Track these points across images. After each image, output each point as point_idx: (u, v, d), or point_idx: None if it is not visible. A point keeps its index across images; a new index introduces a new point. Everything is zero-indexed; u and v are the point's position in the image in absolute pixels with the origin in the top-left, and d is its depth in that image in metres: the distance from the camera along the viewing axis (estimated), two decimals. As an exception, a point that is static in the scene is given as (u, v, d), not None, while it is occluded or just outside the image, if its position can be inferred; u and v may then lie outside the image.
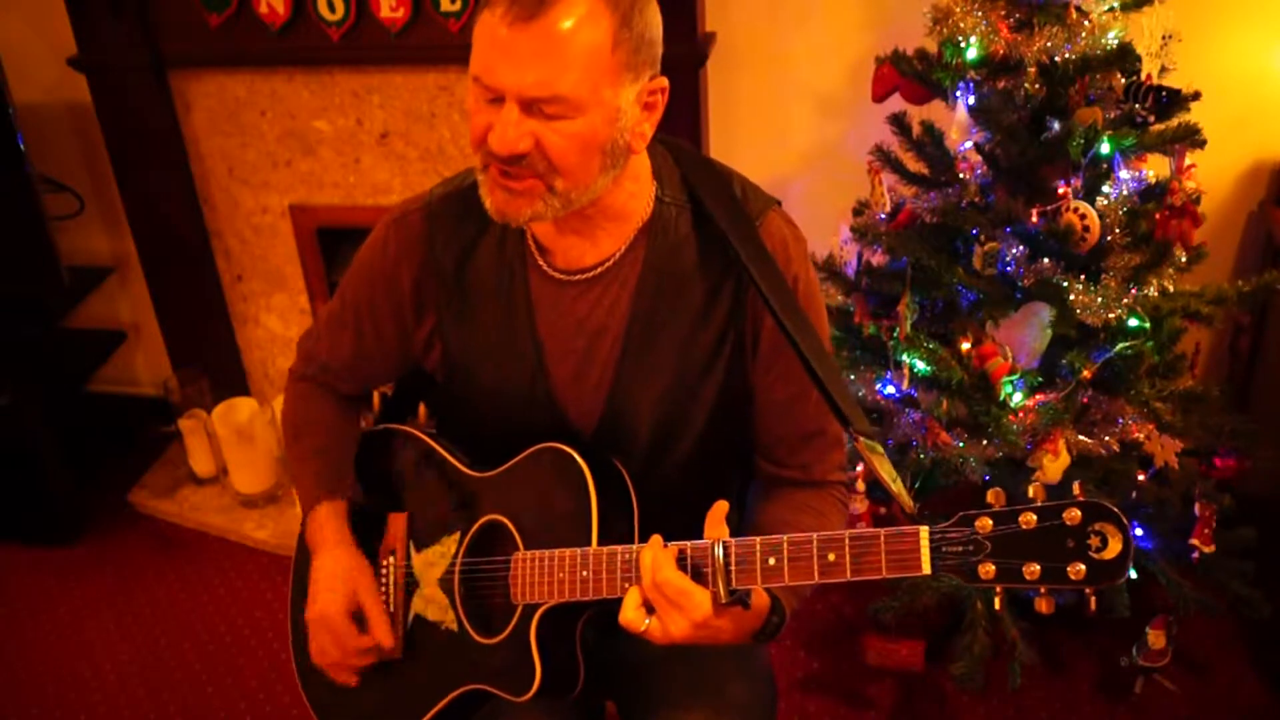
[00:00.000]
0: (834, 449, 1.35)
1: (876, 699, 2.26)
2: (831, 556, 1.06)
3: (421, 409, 1.55)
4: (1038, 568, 0.97)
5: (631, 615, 1.13)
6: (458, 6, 2.33)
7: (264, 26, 2.44)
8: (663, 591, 1.10)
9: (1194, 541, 2.07)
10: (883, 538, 1.04)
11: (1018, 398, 1.97)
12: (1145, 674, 2.20)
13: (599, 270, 1.26)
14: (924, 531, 1.02)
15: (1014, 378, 1.94)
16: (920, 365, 2.01)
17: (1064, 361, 1.96)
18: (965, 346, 2.00)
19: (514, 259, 1.28)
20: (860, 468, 2.19)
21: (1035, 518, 0.97)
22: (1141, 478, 2.11)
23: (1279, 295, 2.12)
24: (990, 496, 1.01)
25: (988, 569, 0.99)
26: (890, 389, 2.10)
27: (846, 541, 1.06)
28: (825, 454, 1.34)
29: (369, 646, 1.34)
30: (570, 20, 1.05)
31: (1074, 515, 0.96)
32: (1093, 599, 1.00)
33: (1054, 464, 1.94)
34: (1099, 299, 1.88)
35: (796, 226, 1.29)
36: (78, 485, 2.85)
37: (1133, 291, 1.91)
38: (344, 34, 2.42)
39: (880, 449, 1.21)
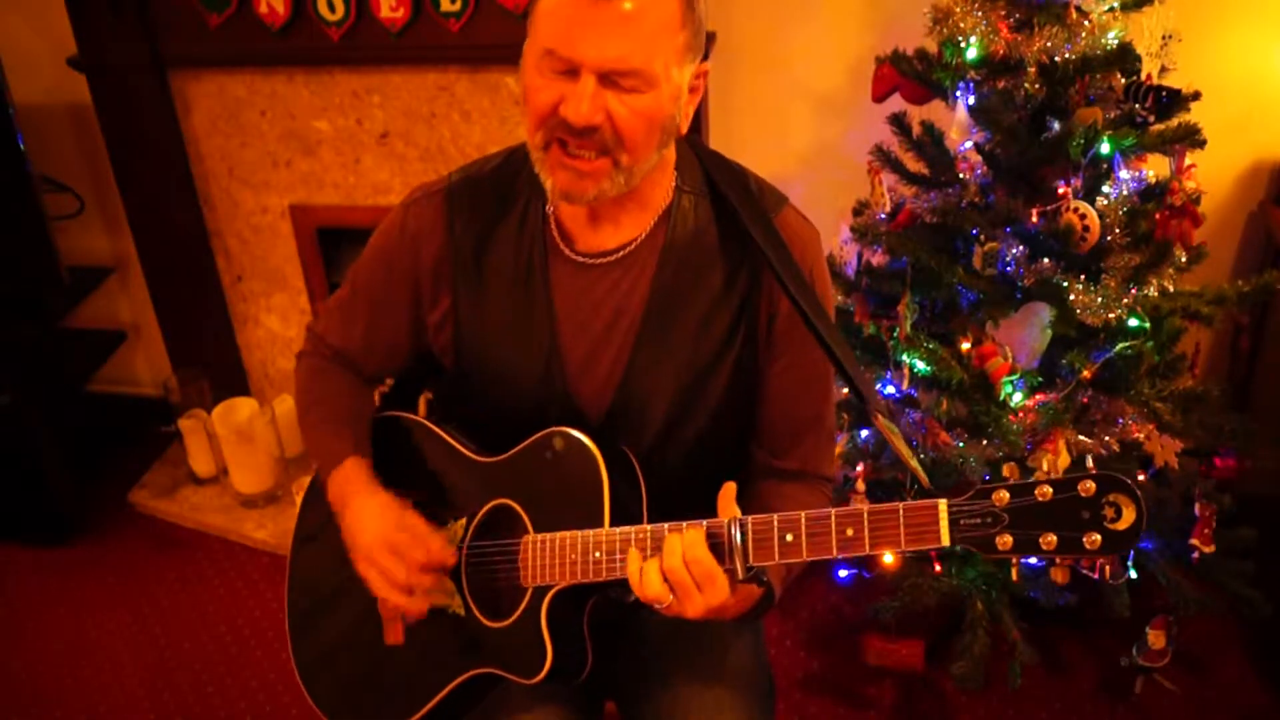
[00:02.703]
0: (829, 442, 1.38)
1: (876, 699, 2.26)
2: (850, 531, 1.07)
3: (422, 404, 1.55)
4: (1054, 538, 0.99)
5: (658, 589, 1.13)
6: (458, 6, 2.33)
7: (264, 26, 2.44)
8: (691, 570, 1.12)
9: (1194, 541, 2.07)
10: (901, 511, 1.05)
11: (1018, 398, 1.97)
12: (1145, 674, 2.19)
13: (621, 254, 1.28)
14: (942, 504, 1.03)
15: (1014, 378, 1.94)
16: (920, 365, 2.01)
17: (1064, 361, 1.96)
18: (965, 346, 2.00)
19: (534, 242, 1.30)
20: (860, 467, 2.19)
21: (1051, 490, 0.99)
22: (1141, 478, 2.11)
23: (1279, 295, 2.12)
24: (1005, 470, 1.03)
25: (1005, 540, 1.01)
26: (890, 389, 2.10)
27: (865, 515, 1.07)
28: (820, 447, 1.37)
29: (429, 563, 1.28)
30: None
31: (1088, 487, 0.98)
32: (1106, 568, 1.01)
33: (1054, 464, 1.94)
34: (1099, 299, 1.88)
35: (810, 222, 1.32)
36: (78, 485, 2.85)
37: (1133, 291, 1.91)
38: (344, 34, 2.42)
39: (896, 429, 1.23)
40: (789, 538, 1.10)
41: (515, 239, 1.30)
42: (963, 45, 1.95)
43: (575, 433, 1.25)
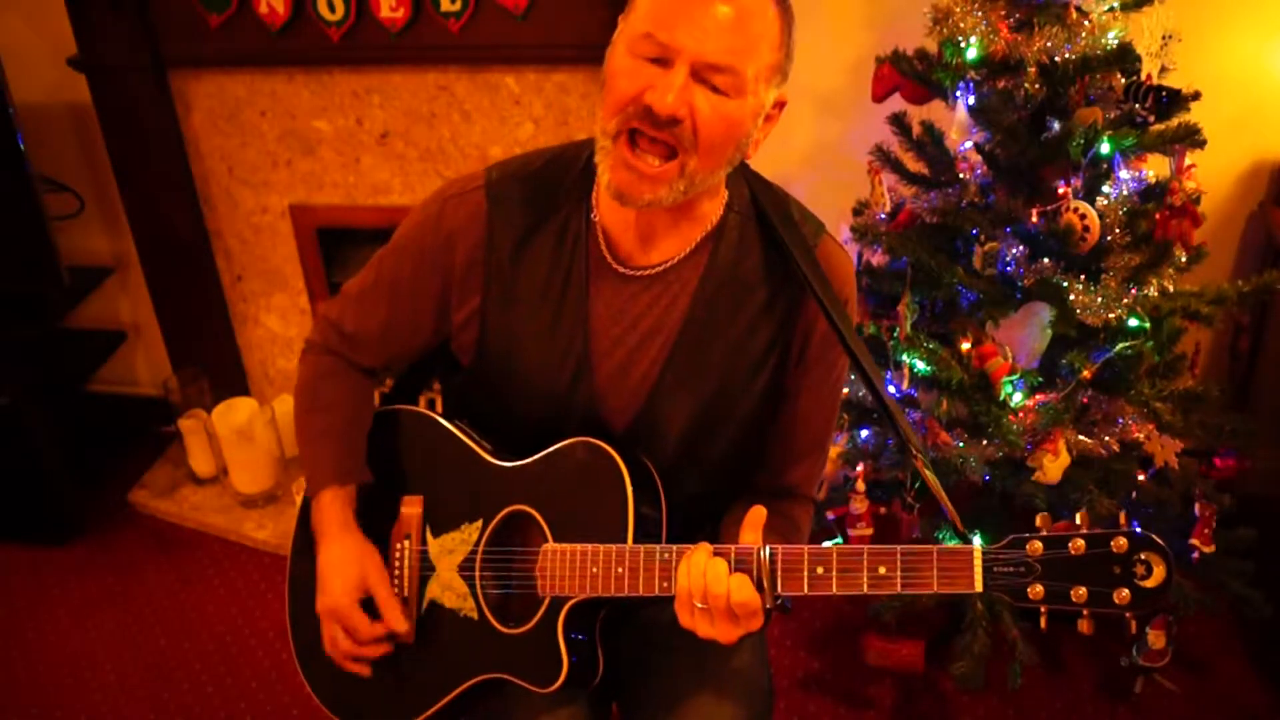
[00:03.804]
0: (822, 467, 1.40)
1: (876, 699, 2.26)
2: (882, 569, 1.08)
3: (422, 403, 1.54)
4: (1085, 591, 1.00)
5: (690, 621, 1.15)
6: (458, 6, 2.33)
7: (264, 26, 2.44)
8: (734, 610, 1.12)
9: (1194, 541, 2.07)
10: (935, 554, 1.06)
11: (1018, 398, 1.97)
12: (1145, 674, 2.19)
13: (663, 268, 1.27)
14: (977, 551, 1.04)
15: (1014, 378, 1.94)
16: (920, 365, 2.01)
17: (1064, 361, 1.96)
18: (965, 346, 2.00)
19: (575, 250, 1.28)
20: (860, 467, 2.19)
21: (1084, 544, 1.00)
22: (1141, 478, 2.11)
23: (1279, 295, 2.12)
24: (1039, 521, 1.04)
25: (1036, 590, 1.02)
26: (890, 389, 2.10)
27: (899, 555, 1.07)
28: (814, 470, 1.39)
29: (382, 634, 1.33)
30: (757, 4, 1.10)
31: (1121, 544, 0.99)
32: (1133, 622, 1.03)
33: (1054, 464, 1.94)
34: (1099, 299, 1.88)
35: (846, 251, 1.32)
36: (78, 485, 2.85)
37: (1133, 291, 1.91)
38: (344, 34, 2.42)
39: (934, 473, 1.23)
40: (819, 570, 1.10)
41: (555, 247, 1.28)
42: (963, 45, 1.95)
43: (603, 445, 1.24)
